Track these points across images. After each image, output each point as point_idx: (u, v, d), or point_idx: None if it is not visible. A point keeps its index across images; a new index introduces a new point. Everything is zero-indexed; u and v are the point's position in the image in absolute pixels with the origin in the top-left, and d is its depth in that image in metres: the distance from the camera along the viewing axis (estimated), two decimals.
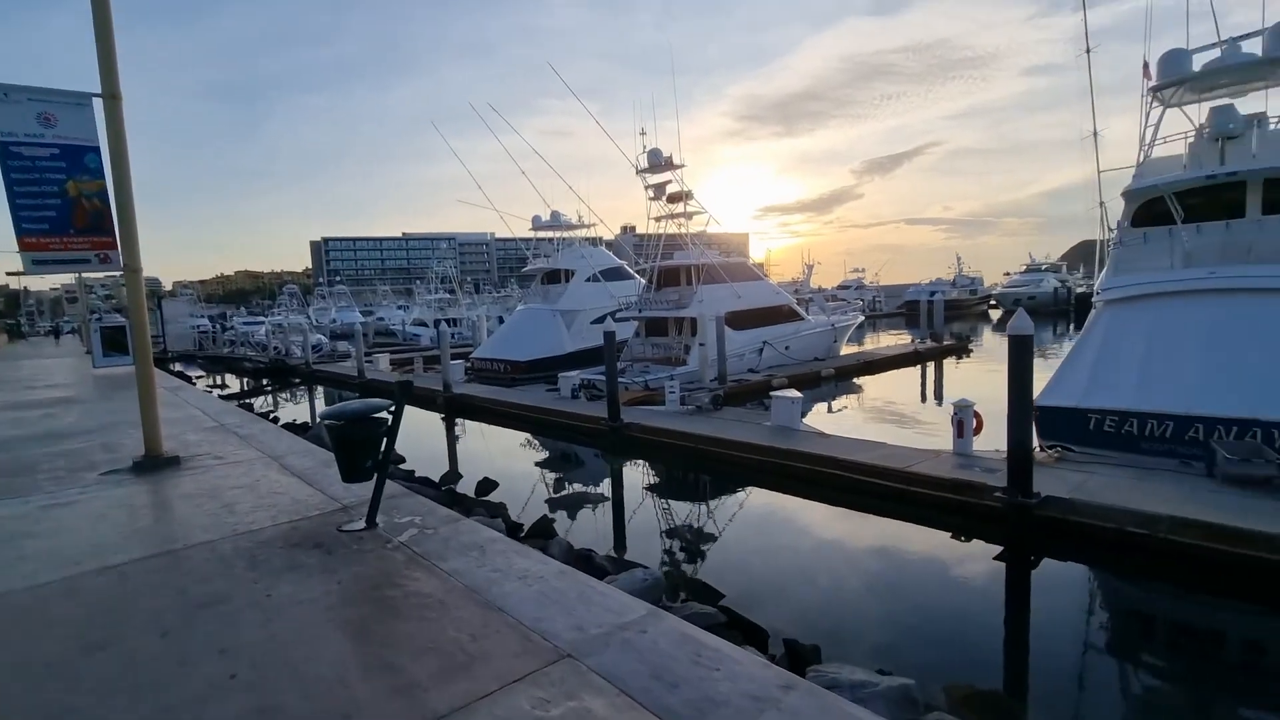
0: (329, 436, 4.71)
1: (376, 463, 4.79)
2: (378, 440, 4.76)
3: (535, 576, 4.10)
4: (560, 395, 18.67)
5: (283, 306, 65.83)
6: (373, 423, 4.72)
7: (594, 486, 12.17)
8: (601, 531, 9.51)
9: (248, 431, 9.53)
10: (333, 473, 5.81)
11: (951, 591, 7.38)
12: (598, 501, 11.13)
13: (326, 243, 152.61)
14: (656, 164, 22.34)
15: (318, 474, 6.83)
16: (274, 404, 25.42)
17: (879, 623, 6.69)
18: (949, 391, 21.28)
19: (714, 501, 10.98)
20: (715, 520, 9.97)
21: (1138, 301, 11.64)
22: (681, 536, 9.24)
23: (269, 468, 7.22)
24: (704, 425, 13.34)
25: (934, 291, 68.02)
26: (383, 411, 4.75)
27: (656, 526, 9.77)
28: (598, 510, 10.67)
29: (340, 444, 4.72)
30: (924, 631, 6.50)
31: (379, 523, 5.07)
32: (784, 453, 11.02)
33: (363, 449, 4.71)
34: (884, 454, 10.40)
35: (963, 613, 6.97)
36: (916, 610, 6.97)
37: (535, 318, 27.49)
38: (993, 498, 8.22)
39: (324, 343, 37.86)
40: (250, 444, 8.58)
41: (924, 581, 7.68)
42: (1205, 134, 12.23)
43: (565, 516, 9.99)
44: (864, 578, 7.82)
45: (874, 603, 7.19)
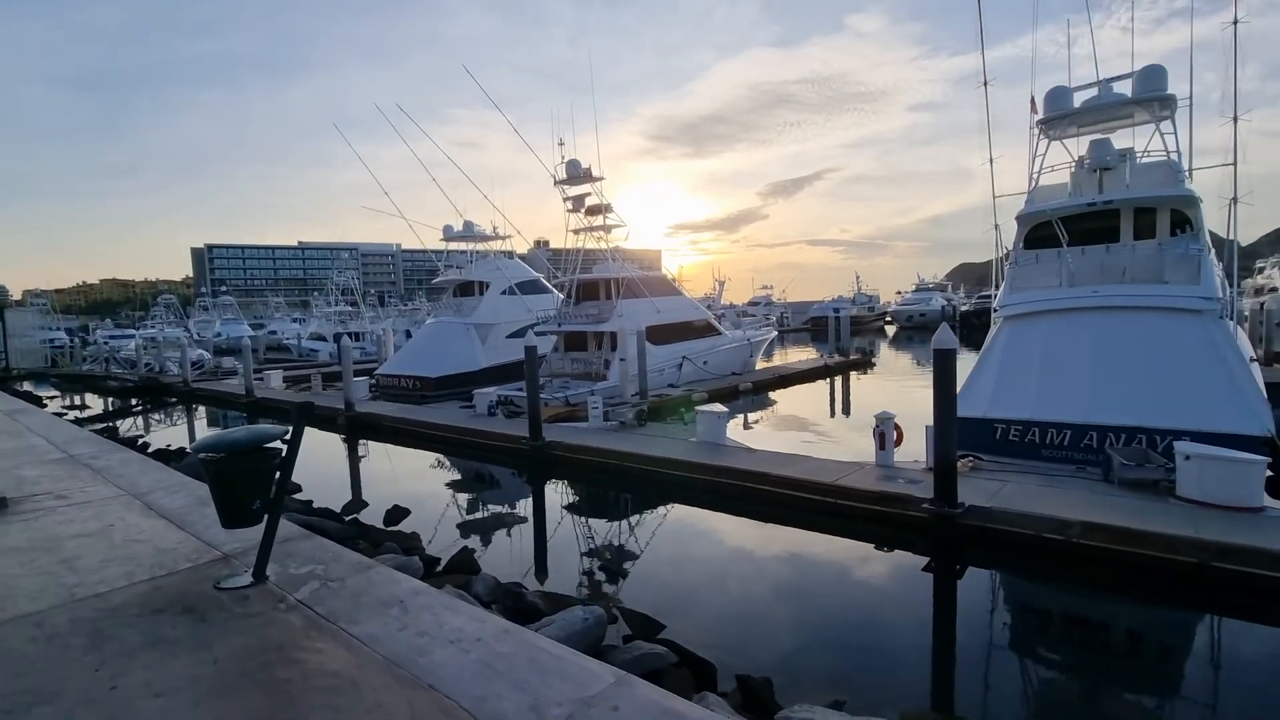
0: (205, 473, 3.83)
1: (267, 503, 3.96)
2: (268, 475, 3.95)
3: (472, 639, 3.40)
4: (476, 413, 17.73)
5: (157, 318, 59.62)
6: (262, 454, 3.90)
7: (515, 510, 11.46)
8: (526, 560, 8.86)
9: (104, 463, 8.13)
10: (211, 511, 4.89)
11: (890, 607, 7.35)
12: (519, 526, 10.45)
13: (210, 250, 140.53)
14: (575, 175, 21.96)
15: (192, 514, 5.78)
16: (144, 428, 22.64)
17: (823, 646, 6.51)
18: (856, 404, 22.12)
19: (641, 521, 10.58)
20: (644, 541, 9.57)
21: (1032, 318, 12.44)
22: (611, 561, 8.76)
23: (129, 508, 6.06)
24: (629, 442, 12.96)
25: (837, 308, 71.91)
26: (275, 440, 3.93)
27: (584, 551, 9.23)
28: (521, 536, 9.99)
29: (220, 482, 3.86)
30: (867, 652, 6.39)
31: (270, 576, 4.22)
32: (713, 469, 10.82)
33: (249, 487, 3.85)
34: (811, 468, 10.42)
35: (901, 627, 6.93)
36: (858, 629, 6.86)
37: (447, 331, 26.20)
38: (919, 509, 8.34)
39: (206, 358, 34.43)
40: (106, 479, 7.26)
41: (860, 598, 7.62)
42: (1086, 165, 13.34)
43: (486, 546, 9.25)
44: (802, 597, 7.66)
45: (815, 623, 7.02)
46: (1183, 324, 11.02)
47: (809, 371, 26.92)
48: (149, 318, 64.39)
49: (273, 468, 3.91)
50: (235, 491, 3.75)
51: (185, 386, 27.84)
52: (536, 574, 8.15)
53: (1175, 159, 12.48)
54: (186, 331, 53.51)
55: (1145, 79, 12.39)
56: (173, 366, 32.56)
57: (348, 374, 18.63)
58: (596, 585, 7.77)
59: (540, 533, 10.16)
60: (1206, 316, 11.12)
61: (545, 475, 13.01)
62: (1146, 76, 12.38)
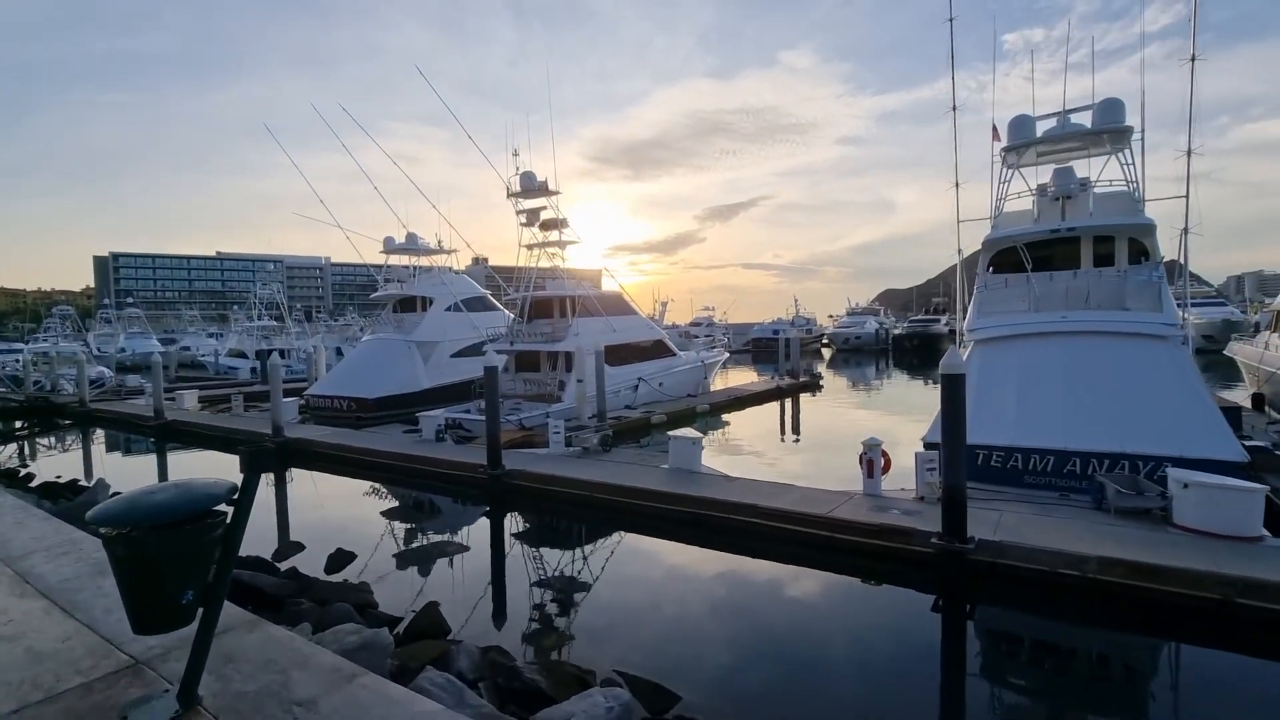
0: (109, 555, 2.62)
1: (202, 594, 2.76)
2: (206, 555, 2.77)
3: None
4: (422, 438, 16.35)
5: (51, 331, 54.02)
6: (199, 526, 2.71)
7: (475, 550, 10.27)
8: (498, 613, 7.77)
9: None
10: (114, 585, 3.67)
11: (900, 650, 6.74)
12: (483, 569, 9.32)
13: (116, 258, 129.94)
14: (530, 188, 21.03)
15: (86, 589, 4.27)
16: (28, 455, 19.86)
17: (847, 702, 5.79)
18: (811, 426, 21.96)
19: (618, 560, 9.65)
20: (625, 584, 8.65)
21: (1004, 342, 12.40)
22: (594, 610, 7.80)
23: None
24: (596, 470, 12.05)
25: (777, 330, 73.23)
26: (216, 502, 2.75)
27: (560, 598, 8.22)
28: (486, 582, 8.86)
29: (132, 568, 2.62)
30: (887, 702, 5.73)
31: (204, 696, 2.99)
32: (694, 500, 10.05)
33: (179, 574, 2.63)
34: (799, 498, 9.82)
35: (915, 672, 6.35)
36: (873, 679, 6.20)
37: (386, 349, 24.48)
38: (926, 543, 7.82)
39: (107, 376, 31.08)
40: None
41: (868, 642, 6.98)
42: (1049, 192, 13.58)
43: (449, 595, 8.08)
44: (810, 644, 6.93)
45: (827, 673, 6.31)
46: (1150, 349, 11.17)
47: (762, 393, 26.71)
48: (41, 331, 58.29)
49: (212, 543, 2.74)
50: (156, 582, 2.51)
51: (81, 407, 24.83)
52: (516, 633, 7.09)
53: (1133, 188, 12.84)
54: (85, 346, 48.55)
55: (1104, 111, 12.73)
56: (67, 385, 29.15)
57: (276, 395, 16.84)
58: (586, 643, 6.80)
59: (508, 578, 9.07)
60: (1170, 342, 11.33)
61: (506, 507, 11.89)
62: (1105, 109, 12.73)
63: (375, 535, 10.64)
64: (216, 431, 19.14)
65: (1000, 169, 13.92)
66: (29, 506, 6.06)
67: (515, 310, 26.77)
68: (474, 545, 10.32)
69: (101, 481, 9.48)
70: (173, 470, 16.71)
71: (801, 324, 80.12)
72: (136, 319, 66.00)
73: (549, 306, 22.05)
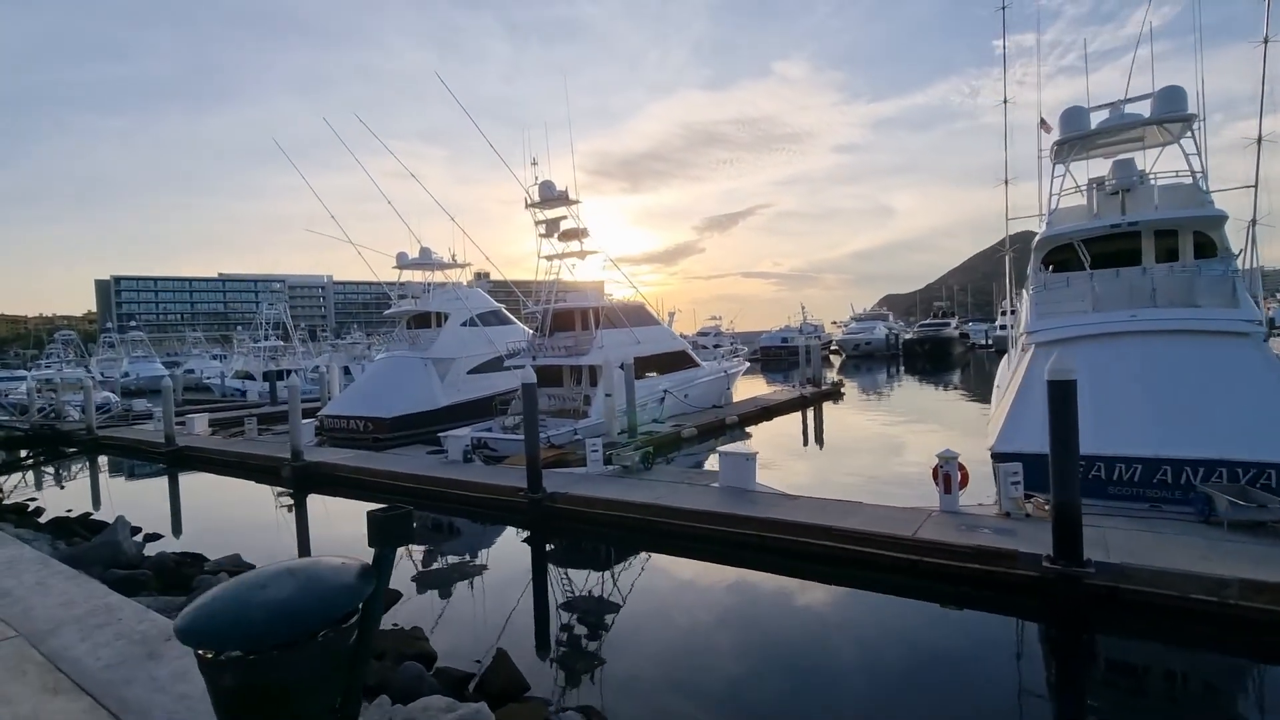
0: (210, 687, 1.80)
1: (343, 707, 2.04)
2: (339, 668, 2.03)
3: None
4: (448, 459, 15.62)
5: (54, 357, 53.40)
6: (333, 636, 1.99)
7: (520, 580, 9.52)
8: (568, 658, 7.03)
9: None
10: (168, 674, 2.90)
11: (1015, 691, 5.99)
12: (531, 602, 8.57)
13: (118, 281, 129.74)
14: (550, 197, 20.43)
15: (140, 685, 3.29)
16: (35, 485, 19.13)
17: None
18: (842, 436, 21.24)
19: (677, 590, 8.89)
20: (689, 618, 7.89)
21: (1071, 344, 11.68)
22: (667, 650, 7.04)
23: (19, 670, 3.57)
24: (643, 491, 11.32)
25: (785, 338, 72.47)
26: (350, 603, 2.05)
27: (627, 637, 7.48)
28: (541, 618, 8.13)
29: (245, 703, 1.83)
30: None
31: None
32: (758, 522, 9.32)
33: (303, 701, 1.88)
34: (872, 517, 9.08)
35: (1043, 714, 5.61)
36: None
37: (401, 367, 23.83)
38: (1037, 567, 7.08)
39: (113, 401, 30.39)
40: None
41: (983, 677, 6.23)
42: (1108, 186, 12.94)
43: (508, 637, 7.33)
44: (917, 680, 6.18)
45: (946, 715, 5.57)
46: (1235, 348, 10.47)
47: (788, 403, 25.96)
48: (44, 356, 57.70)
49: (346, 652, 2.04)
50: (276, 712, 1.90)
51: (88, 434, 24.13)
52: (597, 684, 6.32)
53: (1198, 179, 12.20)
54: (88, 371, 47.91)
55: (1166, 99, 12.12)
56: (73, 411, 28.44)
57: (295, 417, 16.14)
58: (674, 692, 6.06)
59: (563, 613, 8.31)
60: (1254, 339, 10.65)
61: (548, 533, 11.15)
62: (1167, 97, 12.12)
63: (412, 568, 9.90)
64: (231, 457, 18.42)
65: (1049, 164, 13.32)
66: (49, 560, 5.24)
67: (532, 324, 26.20)
68: (519, 575, 9.58)
69: (122, 520, 8.77)
70: (188, 501, 15.97)
71: (810, 331, 79.56)
72: (140, 342, 65.41)
73: (570, 319, 21.39)
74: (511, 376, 24.23)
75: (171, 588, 7.62)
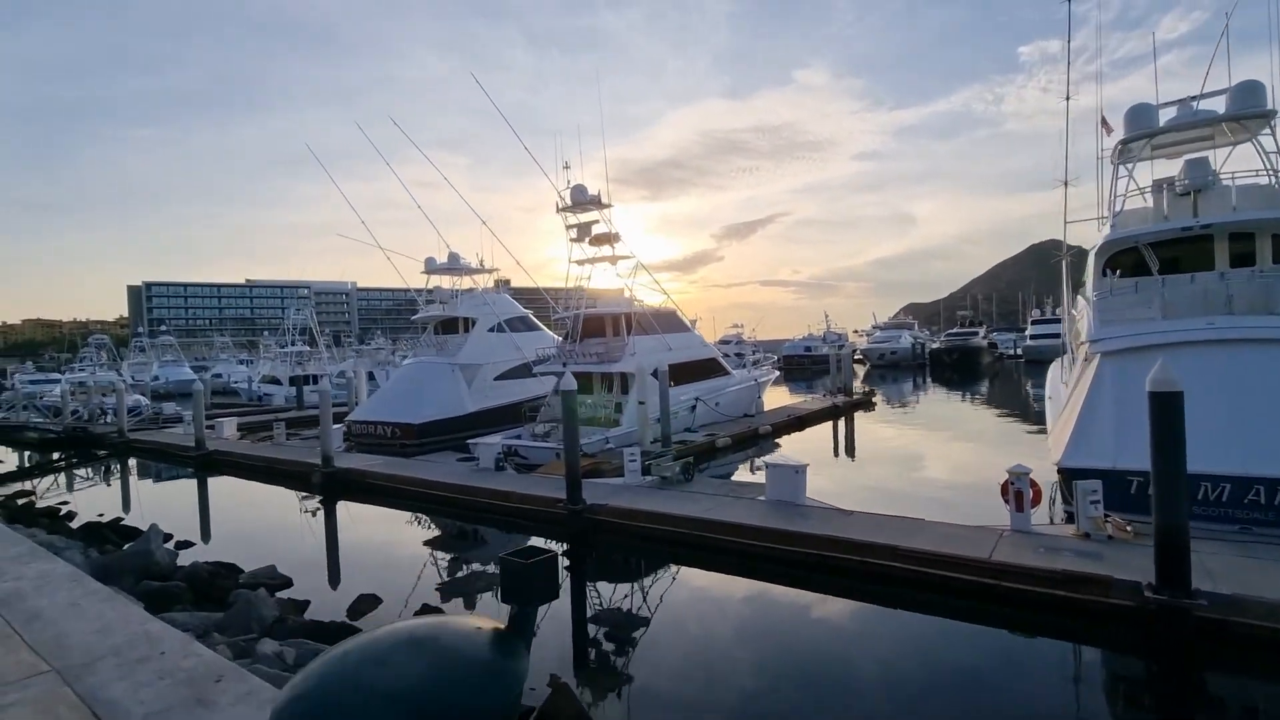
0: None
1: None
2: None
3: None
4: (479, 466, 15.27)
5: (88, 360, 54.33)
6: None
7: (563, 598, 9.08)
8: (622, 686, 6.57)
9: (10, 585, 5.02)
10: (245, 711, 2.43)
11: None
12: (574, 623, 8.12)
13: (149, 287, 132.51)
14: (581, 201, 20.13)
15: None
16: (66, 487, 19.17)
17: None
18: (875, 447, 20.56)
19: (725, 609, 8.38)
20: (755, 643, 7.40)
21: (1141, 353, 11.00)
22: (720, 672, 6.55)
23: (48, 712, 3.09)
24: (687, 503, 10.83)
25: (808, 346, 71.52)
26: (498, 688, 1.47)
27: (679, 659, 6.99)
28: (588, 639, 7.67)
29: None
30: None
31: None
32: (814, 539, 8.78)
33: None
34: (940, 536, 8.50)
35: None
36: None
37: (429, 373, 23.63)
38: (1136, 596, 6.47)
39: (144, 404, 30.63)
40: (9, 624, 4.16)
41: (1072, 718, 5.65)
42: (1180, 186, 12.25)
43: (562, 662, 6.89)
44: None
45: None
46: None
47: (820, 412, 25.30)
48: (77, 360, 58.81)
49: None
50: None
51: (120, 437, 24.24)
52: (656, 712, 5.87)
53: (1276, 179, 11.47)
54: (120, 375, 48.65)
55: (1243, 95, 11.44)
56: (105, 414, 28.71)
57: (326, 422, 15.91)
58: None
59: (612, 632, 7.84)
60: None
61: (587, 546, 10.71)
62: (1244, 92, 11.44)
63: (453, 583, 9.50)
64: (260, 462, 18.27)
65: (1108, 166, 12.66)
66: (83, 577, 4.82)
67: (561, 330, 25.88)
68: (561, 592, 9.13)
69: (155, 528, 8.50)
70: (218, 506, 15.81)
71: (833, 339, 78.54)
72: (170, 347, 66.44)
73: (601, 325, 21.03)
74: (538, 383, 23.96)
75: (206, 600, 7.31)
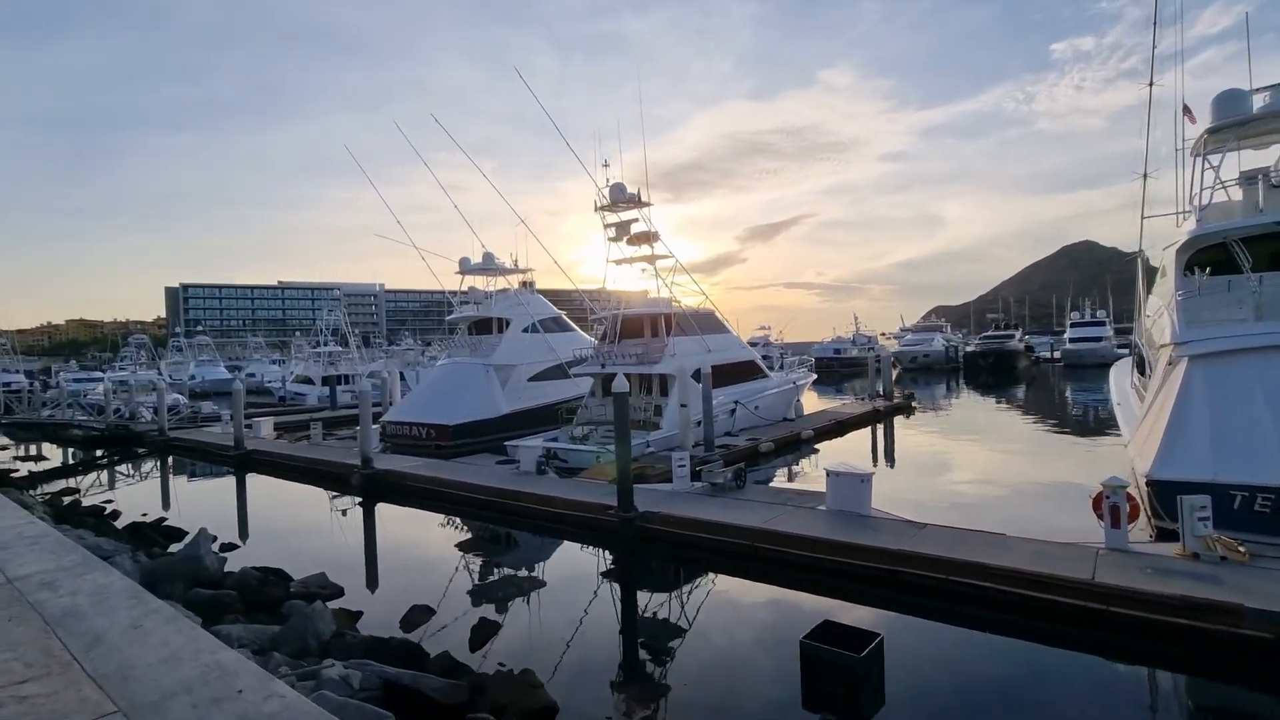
0: None
1: None
2: None
3: None
4: (520, 470, 14.90)
5: (128, 359, 55.56)
6: None
7: (616, 612, 8.63)
8: (694, 712, 6.08)
9: (67, 601, 4.50)
10: None
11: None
12: (635, 638, 7.65)
13: (185, 289, 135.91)
14: (621, 200, 19.71)
15: None
16: (109, 484, 19.30)
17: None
18: (913, 453, 19.81)
19: (796, 628, 7.83)
20: None
21: (1234, 357, 10.22)
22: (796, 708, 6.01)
23: None
24: (744, 513, 10.30)
25: (838, 349, 70.33)
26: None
27: (753, 685, 6.47)
28: (648, 656, 7.20)
29: None
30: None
31: None
32: (893, 555, 8.19)
33: None
34: (1029, 554, 7.85)
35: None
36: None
37: (463, 374, 23.41)
38: (1277, 628, 5.79)
39: (182, 403, 30.99)
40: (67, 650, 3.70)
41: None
42: (1273, 177, 11.40)
43: (626, 682, 6.42)
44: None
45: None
46: None
47: (861, 417, 24.52)
48: (118, 359, 60.20)
49: None
50: None
51: (160, 436, 24.47)
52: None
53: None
54: (159, 374, 49.59)
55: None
56: (146, 412, 29.09)
57: (366, 423, 15.70)
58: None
59: (674, 654, 7.36)
60: None
61: (639, 557, 10.24)
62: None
63: (502, 593, 9.08)
64: (299, 462, 18.17)
65: (1204, 153, 11.80)
66: (142, 593, 4.32)
67: (590, 331, 25.53)
68: (613, 604, 8.68)
69: (204, 533, 8.26)
70: (258, 507, 15.69)
71: (862, 342, 77.24)
72: (206, 347, 67.74)
73: (639, 325, 20.57)
74: (571, 384, 23.59)
75: (257, 608, 7.00)
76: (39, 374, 58.93)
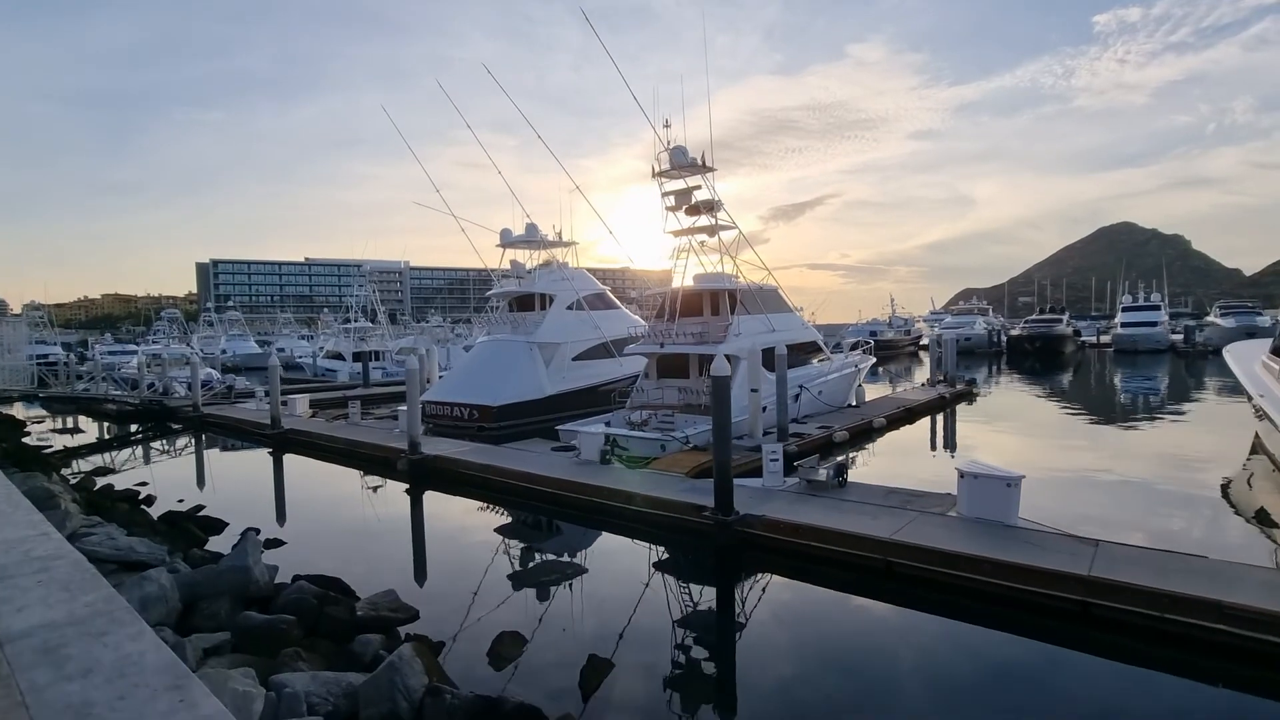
0: None
1: None
2: None
3: None
4: (579, 458, 13.58)
5: (161, 333, 55.51)
6: None
7: (713, 626, 7.26)
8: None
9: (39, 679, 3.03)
10: None
11: None
12: (752, 668, 6.28)
13: (216, 265, 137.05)
14: (681, 165, 18.04)
15: None
16: (144, 461, 18.47)
17: None
18: (969, 442, 18.18)
19: (968, 668, 6.39)
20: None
21: None
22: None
23: None
24: (862, 519, 8.84)
25: (874, 331, 67.97)
26: None
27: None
28: (772, 689, 5.83)
29: None
30: None
31: None
32: (1087, 585, 6.69)
33: None
34: (1264, 586, 6.29)
35: None
36: None
37: (505, 352, 22.13)
38: None
39: (215, 377, 30.31)
40: None
41: None
42: None
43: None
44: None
45: None
46: None
47: (928, 404, 22.81)
48: (152, 333, 60.27)
49: None
50: None
51: (194, 411, 23.67)
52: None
53: None
54: (191, 348, 49.31)
55: None
56: (179, 387, 28.43)
57: (413, 405, 14.47)
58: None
59: (796, 687, 5.98)
60: None
61: (738, 568, 8.85)
62: None
63: (592, 612, 7.76)
64: (339, 444, 17.08)
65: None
66: (184, 675, 2.70)
67: (647, 309, 24.02)
68: (715, 622, 7.32)
69: (253, 539, 7.05)
70: (299, 493, 14.64)
71: (899, 324, 74.70)
72: (237, 321, 67.70)
73: (699, 302, 19.04)
74: (616, 364, 22.18)
75: (317, 635, 5.76)
76: (76, 346, 59.29)
